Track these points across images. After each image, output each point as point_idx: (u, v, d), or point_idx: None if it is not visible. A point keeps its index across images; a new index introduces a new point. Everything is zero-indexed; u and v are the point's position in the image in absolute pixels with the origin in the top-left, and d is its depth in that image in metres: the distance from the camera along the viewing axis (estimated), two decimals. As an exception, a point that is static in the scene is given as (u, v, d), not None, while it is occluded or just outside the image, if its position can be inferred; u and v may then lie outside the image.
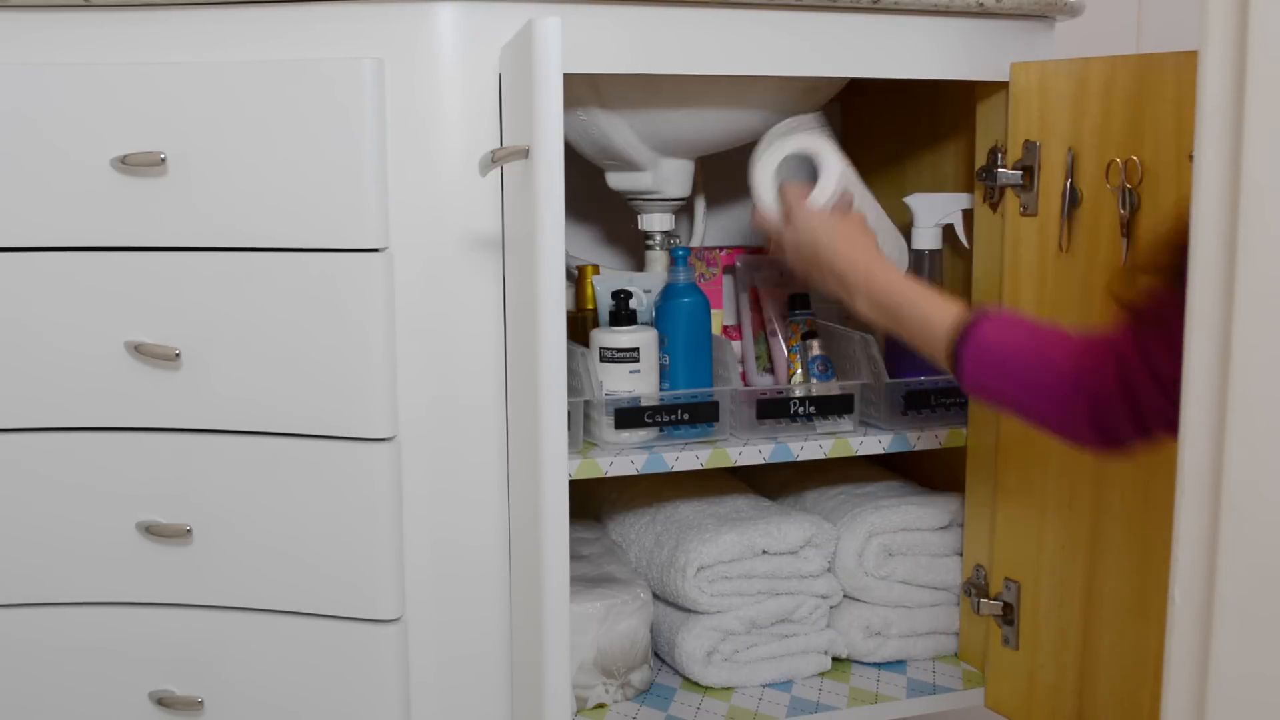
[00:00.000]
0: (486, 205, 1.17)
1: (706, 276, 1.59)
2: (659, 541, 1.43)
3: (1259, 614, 0.51)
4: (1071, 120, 1.21)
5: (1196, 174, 0.52)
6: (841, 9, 1.24)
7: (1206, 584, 0.52)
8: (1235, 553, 0.51)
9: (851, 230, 1.20)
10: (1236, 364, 0.50)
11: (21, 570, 1.22)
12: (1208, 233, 0.51)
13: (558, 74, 0.95)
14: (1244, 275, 0.50)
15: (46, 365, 1.18)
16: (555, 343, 0.99)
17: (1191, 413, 0.53)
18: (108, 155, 1.14)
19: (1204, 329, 0.52)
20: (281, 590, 1.20)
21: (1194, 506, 0.53)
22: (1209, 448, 0.52)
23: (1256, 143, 0.49)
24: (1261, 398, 0.50)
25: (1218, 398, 0.51)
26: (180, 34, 1.16)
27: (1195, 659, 0.53)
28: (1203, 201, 0.52)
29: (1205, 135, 0.51)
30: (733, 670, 1.39)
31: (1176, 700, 0.54)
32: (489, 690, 1.24)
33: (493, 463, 1.21)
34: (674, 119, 1.37)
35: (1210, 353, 0.51)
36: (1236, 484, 0.51)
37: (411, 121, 1.15)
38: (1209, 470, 0.52)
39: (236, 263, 1.16)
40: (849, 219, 1.22)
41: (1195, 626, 0.53)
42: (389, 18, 1.14)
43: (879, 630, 1.44)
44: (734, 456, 1.31)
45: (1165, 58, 1.11)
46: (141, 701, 1.24)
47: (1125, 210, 1.15)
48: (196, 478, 1.19)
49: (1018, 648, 1.35)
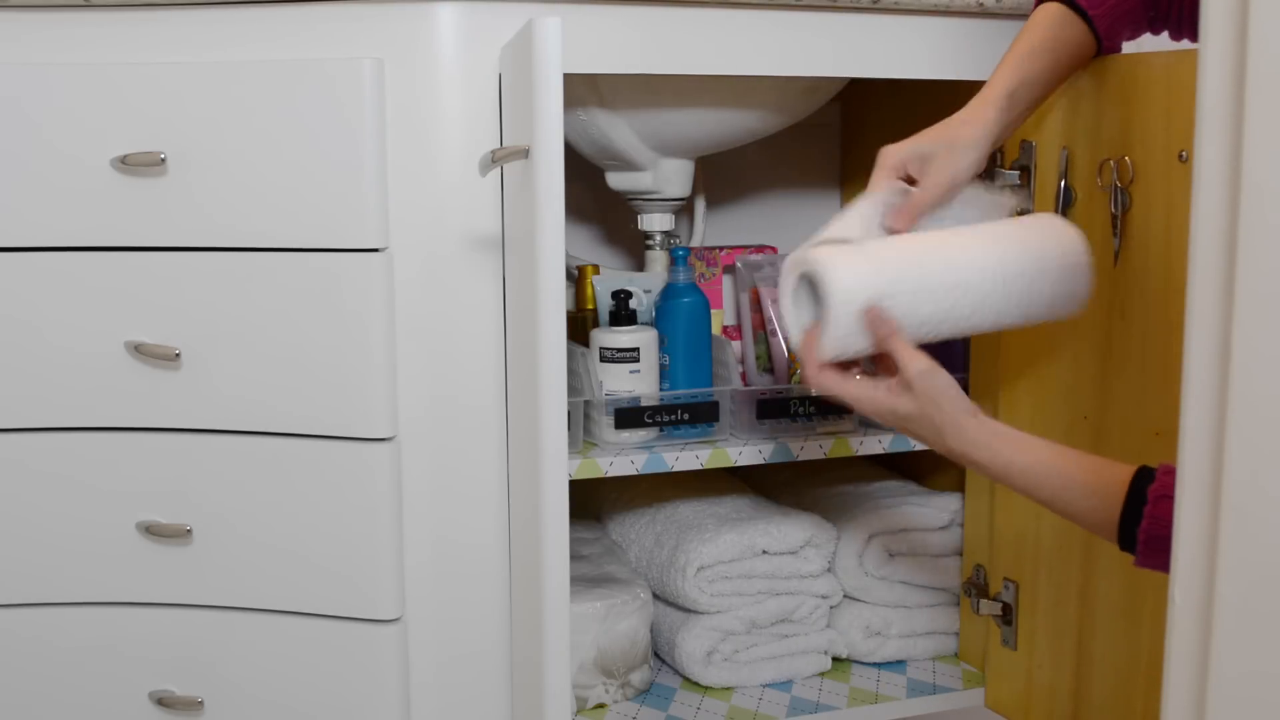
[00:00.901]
0: (486, 205, 1.17)
1: (706, 276, 1.59)
2: (659, 541, 1.43)
3: (1259, 614, 0.51)
4: (1065, 120, 1.21)
5: (1196, 174, 0.52)
6: (841, 9, 1.24)
7: (1206, 584, 0.52)
8: (1235, 552, 0.51)
9: (916, 419, 1.00)
10: (1236, 364, 0.50)
11: (21, 570, 1.22)
12: (1208, 233, 0.51)
13: (558, 74, 0.95)
14: (1244, 275, 0.50)
15: (47, 365, 1.18)
16: (555, 343, 0.99)
17: (1191, 413, 0.53)
18: (108, 155, 1.14)
19: (1204, 329, 0.52)
20: (281, 590, 1.20)
21: (1194, 506, 0.53)
22: (1209, 448, 0.52)
23: (1256, 143, 0.49)
24: (1261, 397, 0.50)
25: (1218, 397, 0.51)
26: (181, 34, 1.16)
27: (1195, 659, 0.53)
28: (1203, 201, 0.52)
29: (1205, 135, 0.51)
30: (733, 670, 1.39)
31: (1176, 700, 0.54)
32: (489, 690, 1.24)
33: (493, 462, 1.21)
34: (674, 119, 1.37)
35: (1210, 353, 0.51)
36: (1236, 484, 0.51)
37: (411, 121, 1.15)
38: (1209, 470, 0.52)
39: (236, 262, 1.16)
40: (898, 403, 1.00)
41: (1195, 626, 0.53)
42: (389, 18, 1.14)
43: (879, 630, 1.44)
44: (734, 456, 1.31)
45: (1155, 57, 1.11)
46: (141, 701, 1.24)
47: (1117, 210, 1.15)
48: (197, 477, 1.19)
49: (1016, 648, 1.35)
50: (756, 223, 1.76)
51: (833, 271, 0.99)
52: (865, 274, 0.99)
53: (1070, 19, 1.14)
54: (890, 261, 1.01)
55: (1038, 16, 1.15)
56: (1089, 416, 1.20)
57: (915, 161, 1.09)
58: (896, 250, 1.03)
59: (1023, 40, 1.14)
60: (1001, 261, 1.03)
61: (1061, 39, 1.14)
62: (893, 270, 1.00)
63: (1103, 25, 1.14)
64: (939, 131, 1.10)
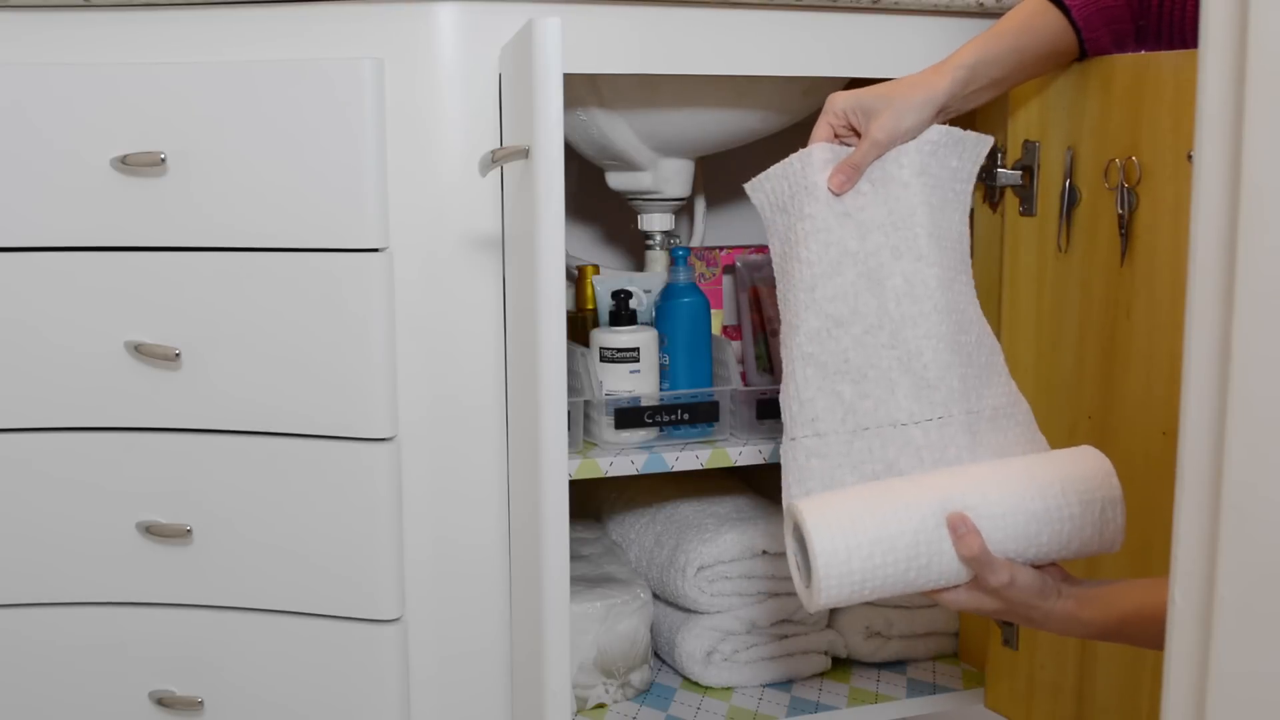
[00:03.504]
0: (486, 205, 1.17)
1: (706, 276, 1.59)
2: (659, 541, 1.43)
3: (1259, 614, 0.51)
4: (1070, 120, 1.21)
5: (1196, 174, 0.52)
6: (841, 9, 1.24)
7: (1206, 584, 0.52)
8: (1235, 553, 0.51)
9: (1006, 614, 0.99)
10: (1236, 364, 0.50)
11: (22, 570, 1.22)
12: (1208, 233, 0.51)
13: (558, 74, 0.95)
14: (1244, 275, 0.50)
15: (47, 365, 1.18)
16: (555, 343, 0.99)
17: (1191, 413, 0.53)
18: (108, 155, 1.14)
19: (1204, 329, 0.52)
20: (282, 590, 1.20)
21: (1194, 506, 0.53)
22: (1209, 448, 0.52)
23: (1256, 143, 0.49)
24: (1261, 398, 0.50)
25: (1218, 398, 0.51)
26: (180, 34, 1.16)
27: (1195, 659, 0.53)
28: (1203, 201, 0.52)
29: (1205, 135, 0.51)
30: (733, 670, 1.39)
31: (1176, 700, 0.54)
32: (489, 690, 1.24)
33: (493, 462, 1.21)
34: (674, 119, 1.37)
35: (1210, 353, 0.51)
36: (1236, 484, 0.51)
37: (411, 121, 1.15)
38: (1209, 470, 0.52)
39: (236, 262, 1.16)
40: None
41: (1195, 626, 0.53)
42: (389, 18, 1.14)
43: (879, 630, 1.44)
44: (734, 456, 1.31)
45: (1163, 57, 1.11)
46: (142, 701, 1.24)
47: (1124, 210, 1.15)
48: (197, 477, 1.19)
49: (1017, 648, 1.35)
50: (756, 223, 1.75)
51: (819, 551, 0.97)
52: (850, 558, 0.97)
53: (1047, 9, 1.16)
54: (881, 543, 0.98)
55: (1019, 5, 1.18)
56: (1093, 416, 1.20)
57: (858, 113, 1.12)
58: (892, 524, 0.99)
59: (998, 24, 1.16)
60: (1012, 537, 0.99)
61: (1034, 26, 1.15)
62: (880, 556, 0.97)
63: (1080, 17, 1.15)
64: (888, 88, 1.12)
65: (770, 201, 1.16)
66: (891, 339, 1.08)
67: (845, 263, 1.10)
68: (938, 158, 1.13)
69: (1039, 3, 1.16)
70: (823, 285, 1.10)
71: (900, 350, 1.08)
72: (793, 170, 1.13)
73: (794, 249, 1.12)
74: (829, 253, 1.11)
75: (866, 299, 1.09)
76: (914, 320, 1.08)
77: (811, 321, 1.10)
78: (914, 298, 1.09)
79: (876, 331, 1.09)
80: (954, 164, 1.14)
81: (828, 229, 1.11)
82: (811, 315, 1.10)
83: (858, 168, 1.11)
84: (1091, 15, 1.15)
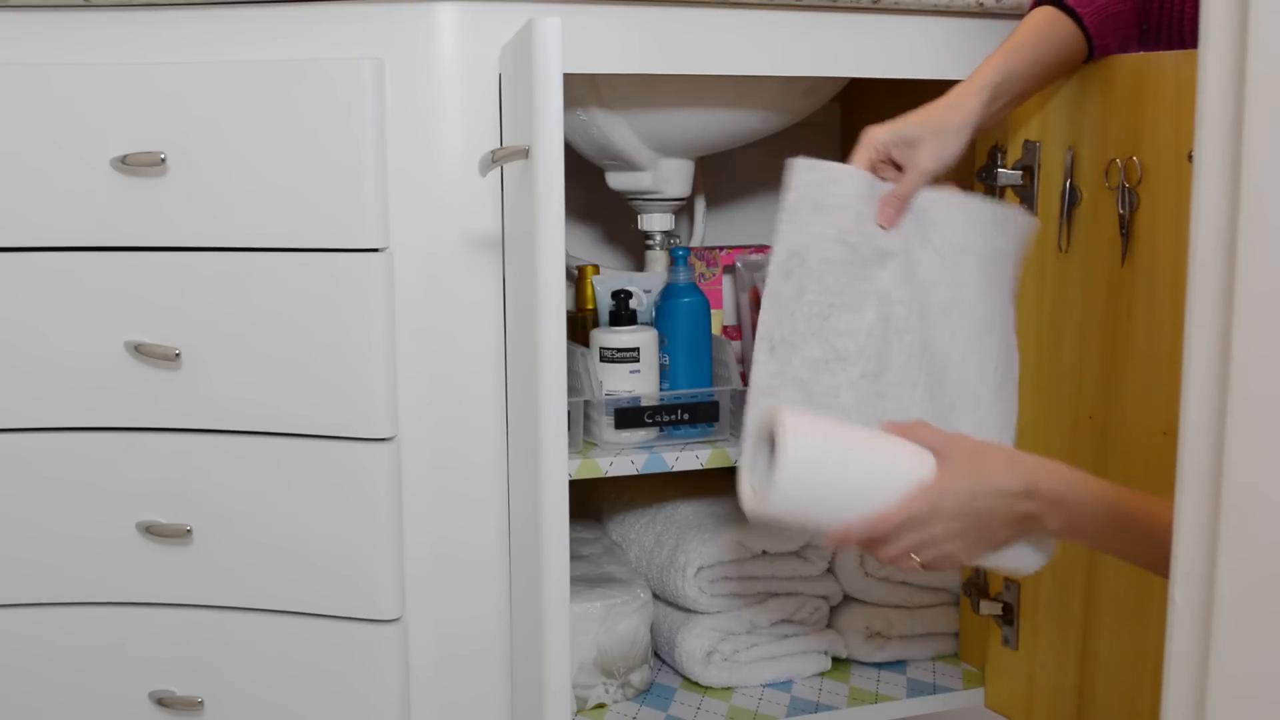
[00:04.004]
0: (486, 205, 1.17)
1: (706, 276, 1.59)
2: (659, 541, 1.43)
3: (1259, 614, 0.51)
4: (1071, 120, 1.21)
5: (1196, 174, 0.52)
6: (841, 9, 1.24)
7: (1206, 584, 0.52)
8: (1235, 553, 0.51)
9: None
10: (1236, 364, 0.50)
11: (22, 570, 1.22)
12: (1208, 233, 0.51)
13: (558, 74, 0.95)
14: (1244, 275, 0.50)
15: (47, 365, 1.18)
16: (555, 343, 0.99)
17: (1191, 413, 0.53)
18: (108, 155, 1.14)
19: (1204, 329, 0.52)
20: (282, 590, 1.20)
21: (1194, 506, 0.53)
22: (1209, 448, 0.52)
23: (1256, 143, 0.49)
24: (1261, 398, 0.50)
25: (1218, 398, 0.51)
26: (181, 34, 1.16)
27: (1195, 659, 0.53)
28: (1203, 201, 0.52)
29: (1205, 135, 0.51)
30: (733, 670, 1.39)
31: (1177, 700, 0.54)
32: (489, 690, 1.24)
33: (493, 462, 1.21)
34: (674, 119, 1.37)
35: (1210, 353, 0.51)
36: (1236, 484, 0.51)
37: (411, 121, 1.15)
38: (1209, 470, 0.52)
39: (236, 262, 1.16)
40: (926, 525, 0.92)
41: (1195, 626, 0.53)
42: (389, 18, 1.14)
43: (879, 630, 1.44)
44: (734, 456, 1.31)
45: (1164, 57, 1.11)
46: (142, 701, 1.24)
47: (1125, 210, 1.15)
48: (197, 477, 1.19)
49: (1018, 648, 1.35)
50: (756, 223, 1.76)
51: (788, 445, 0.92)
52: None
53: (1060, 19, 1.16)
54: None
55: (1029, 16, 1.18)
56: (1093, 416, 1.20)
57: (900, 146, 1.10)
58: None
59: (1012, 37, 1.17)
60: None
61: (1050, 37, 1.16)
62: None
63: (1091, 25, 1.16)
64: (925, 115, 1.11)
65: (809, 196, 1.09)
66: (886, 389, 1.08)
67: (869, 303, 1.08)
68: (986, 234, 1.13)
69: (1050, 13, 1.16)
70: (838, 316, 1.07)
71: (891, 404, 1.07)
72: (852, 182, 1.08)
73: (817, 265, 1.07)
74: (857, 287, 1.08)
75: (878, 343, 1.08)
76: (913, 383, 1.08)
77: (814, 350, 1.07)
78: (922, 361, 1.08)
79: (874, 380, 1.08)
80: (1000, 244, 1.14)
81: (864, 262, 1.08)
82: (816, 344, 1.08)
83: (905, 199, 1.09)
84: (1103, 22, 1.16)
